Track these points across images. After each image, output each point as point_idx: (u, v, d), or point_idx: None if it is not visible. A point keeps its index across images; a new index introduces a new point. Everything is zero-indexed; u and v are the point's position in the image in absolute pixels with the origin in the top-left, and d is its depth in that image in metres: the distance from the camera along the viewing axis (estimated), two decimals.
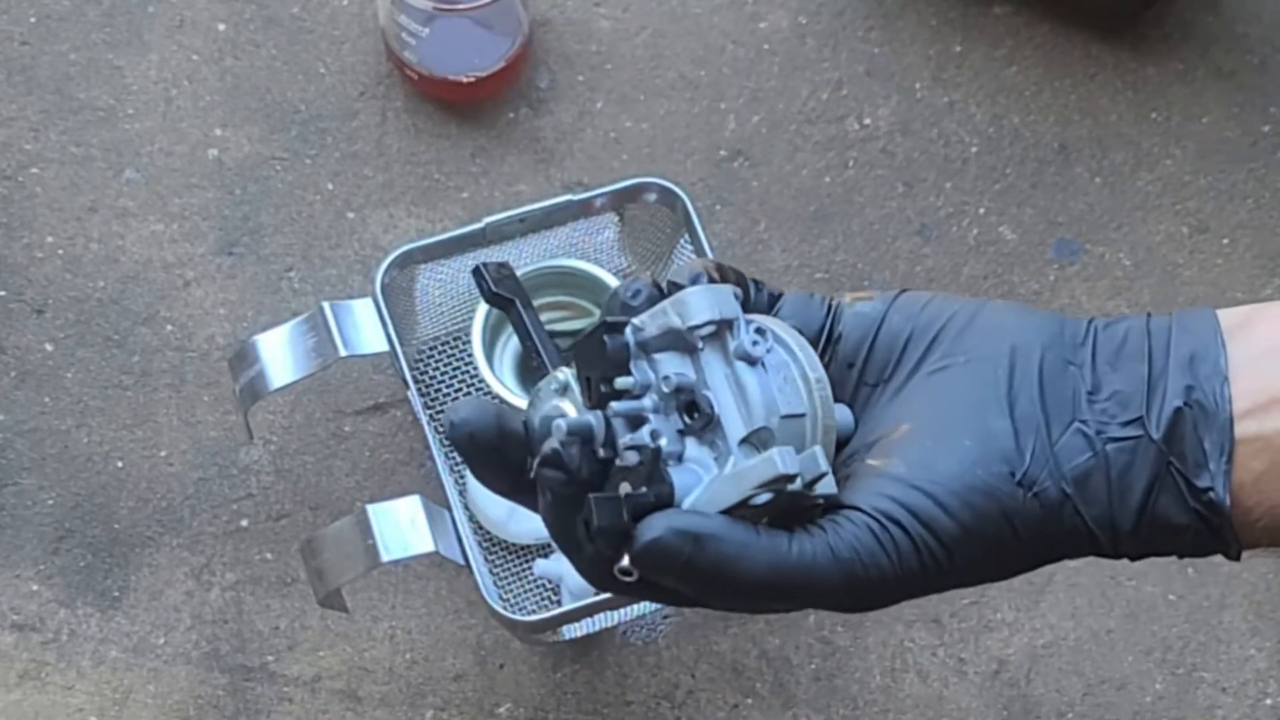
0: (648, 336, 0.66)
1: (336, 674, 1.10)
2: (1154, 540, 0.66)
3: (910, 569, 0.65)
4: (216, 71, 1.20)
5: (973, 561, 0.66)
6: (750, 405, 0.65)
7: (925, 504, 0.65)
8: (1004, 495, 0.65)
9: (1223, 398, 0.65)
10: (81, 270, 1.16)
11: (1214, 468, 0.65)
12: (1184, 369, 0.66)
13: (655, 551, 0.63)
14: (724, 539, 0.63)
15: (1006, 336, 0.68)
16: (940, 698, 1.10)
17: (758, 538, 0.64)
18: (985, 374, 0.67)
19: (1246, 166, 1.21)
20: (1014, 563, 0.67)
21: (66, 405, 1.14)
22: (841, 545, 0.64)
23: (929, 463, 0.65)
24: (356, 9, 1.22)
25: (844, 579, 0.64)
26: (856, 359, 0.69)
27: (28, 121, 1.19)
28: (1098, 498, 0.66)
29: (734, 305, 0.67)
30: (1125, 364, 0.67)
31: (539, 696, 1.09)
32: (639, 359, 0.67)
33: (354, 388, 1.15)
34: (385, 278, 1.07)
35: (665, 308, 0.66)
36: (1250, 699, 1.11)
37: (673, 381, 0.66)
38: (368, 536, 1.01)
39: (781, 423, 0.65)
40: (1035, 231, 1.19)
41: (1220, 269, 1.19)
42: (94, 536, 1.11)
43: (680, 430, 0.66)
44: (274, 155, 1.19)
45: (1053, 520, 0.66)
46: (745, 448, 0.65)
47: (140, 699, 1.09)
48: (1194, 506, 0.65)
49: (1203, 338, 0.66)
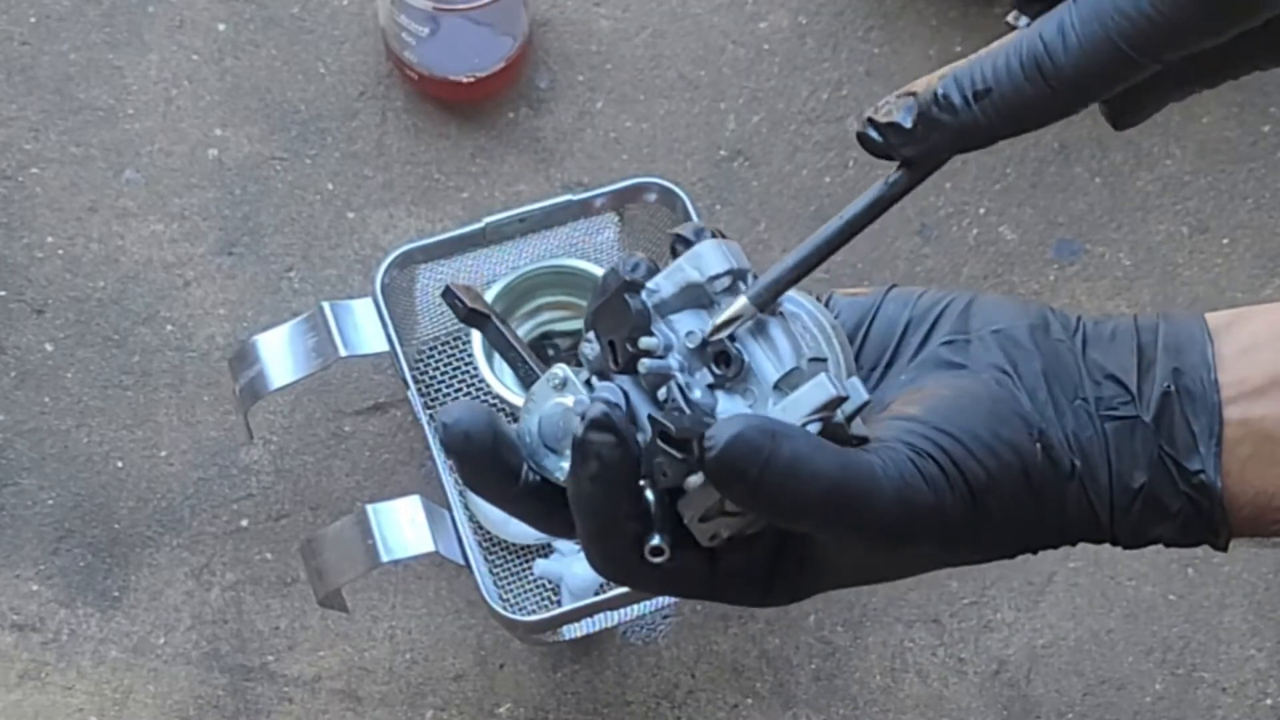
0: (664, 297, 0.66)
1: (336, 674, 1.10)
2: (1146, 522, 0.67)
3: (945, 504, 0.64)
4: (216, 71, 1.20)
5: (992, 514, 0.66)
6: (779, 349, 0.65)
7: (955, 447, 0.65)
8: (1025, 449, 0.65)
9: (1209, 383, 0.66)
10: (81, 270, 1.16)
11: (1204, 450, 0.66)
12: (1172, 357, 0.67)
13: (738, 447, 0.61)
14: (797, 438, 0.62)
15: (1002, 320, 0.68)
16: (940, 698, 1.10)
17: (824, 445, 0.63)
18: (987, 352, 0.67)
19: (1246, 166, 1.21)
20: (1023, 529, 0.67)
21: (66, 405, 1.14)
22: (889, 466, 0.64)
23: (951, 416, 0.66)
24: (356, 9, 1.22)
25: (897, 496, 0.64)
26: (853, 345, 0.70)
27: (28, 121, 1.19)
28: (1099, 474, 0.66)
29: (744, 258, 0.67)
30: (1115, 356, 0.68)
31: (539, 696, 1.09)
32: (655, 322, 0.66)
33: (354, 388, 1.15)
34: (385, 278, 1.07)
35: (681, 264, 0.66)
36: (1250, 699, 1.11)
37: (697, 336, 0.65)
38: (368, 536, 1.01)
39: (810, 365, 0.65)
40: (1035, 231, 1.19)
41: (1220, 269, 1.19)
42: (94, 536, 1.11)
43: (710, 385, 0.66)
44: (274, 155, 1.19)
45: (1062, 487, 0.66)
46: (779, 392, 0.65)
47: (140, 699, 1.09)
48: (1185, 490, 0.66)
49: (1190, 331, 0.67)
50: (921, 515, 0.64)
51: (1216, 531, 0.67)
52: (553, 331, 1.14)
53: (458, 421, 0.66)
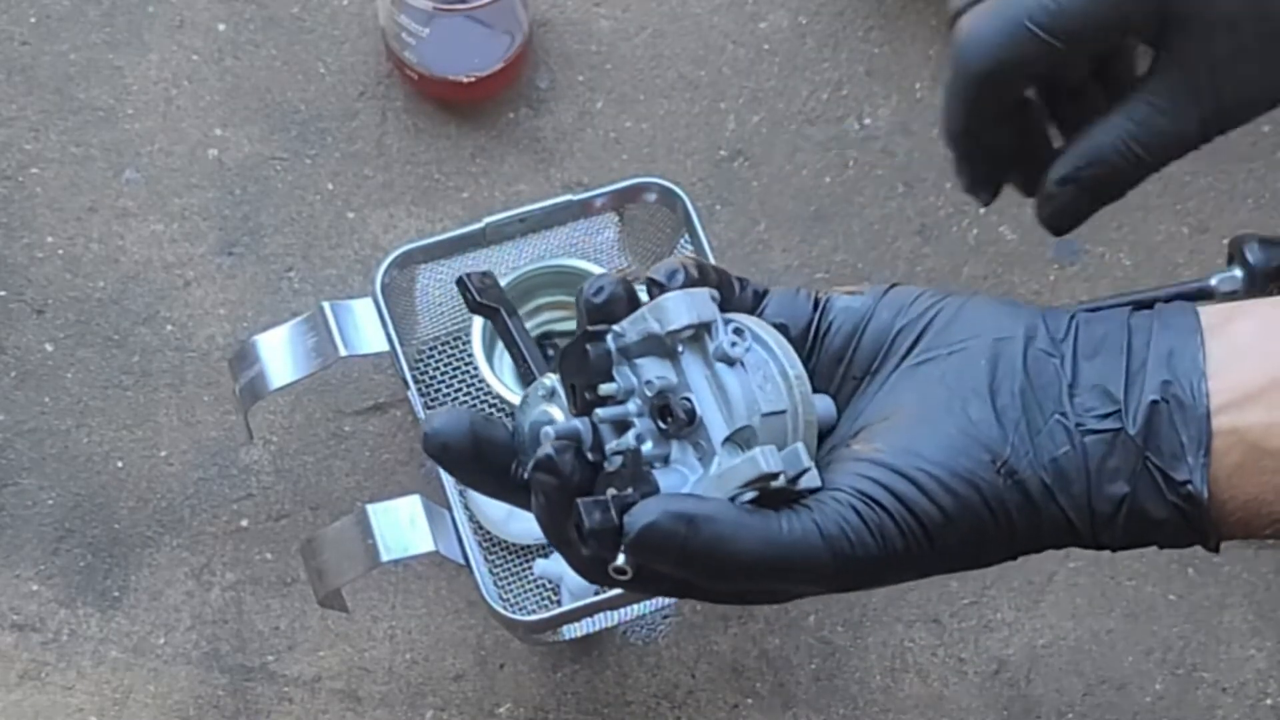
0: (629, 342, 0.67)
1: (336, 674, 1.10)
2: (1132, 532, 0.67)
3: (895, 550, 0.66)
4: (216, 71, 1.20)
5: (954, 547, 0.67)
6: (731, 405, 0.67)
7: (908, 488, 0.66)
8: (984, 482, 0.66)
9: (1199, 392, 0.66)
10: (81, 270, 1.16)
11: (1191, 461, 0.66)
12: (1162, 364, 0.67)
13: (651, 536, 0.64)
14: (717, 519, 0.64)
15: (990, 329, 0.69)
16: (940, 698, 1.10)
17: (750, 518, 0.65)
18: (969, 365, 0.68)
19: (1247, 166, 1.21)
20: (995, 550, 0.68)
21: (66, 405, 1.14)
22: (828, 523, 0.65)
23: (910, 448, 0.66)
24: (356, 9, 1.22)
25: (832, 557, 0.65)
26: (844, 352, 0.70)
27: (28, 121, 1.19)
28: (1076, 489, 0.67)
29: (711, 308, 0.68)
30: (1104, 358, 0.68)
31: (539, 696, 1.09)
32: (621, 364, 0.68)
33: (354, 388, 1.15)
34: (385, 278, 1.07)
35: (644, 314, 0.68)
36: (1250, 699, 1.11)
37: (655, 385, 0.67)
38: (368, 536, 1.01)
39: (763, 420, 0.66)
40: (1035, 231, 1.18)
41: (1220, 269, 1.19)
42: (94, 536, 1.11)
43: (664, 432, 0.67)
44: (274, 155, 1.19)
45: (1033, 509, 0.67)
46: (729, 447, 0.66)
47: (140, 699, 1.09)
48: (1172, 500, 0.66)
49: (1182, 334, 0.67)
50: (865, 565, 0.66)
51: (1206, 536, 0.67)
52: (553, 331, 1.14)
53: (436, 432, 0.68)
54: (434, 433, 0.68)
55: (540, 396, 0.69)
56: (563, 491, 0.66)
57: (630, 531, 0.64)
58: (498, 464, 0.69)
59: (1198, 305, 0.69)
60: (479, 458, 0.69)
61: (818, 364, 0.70)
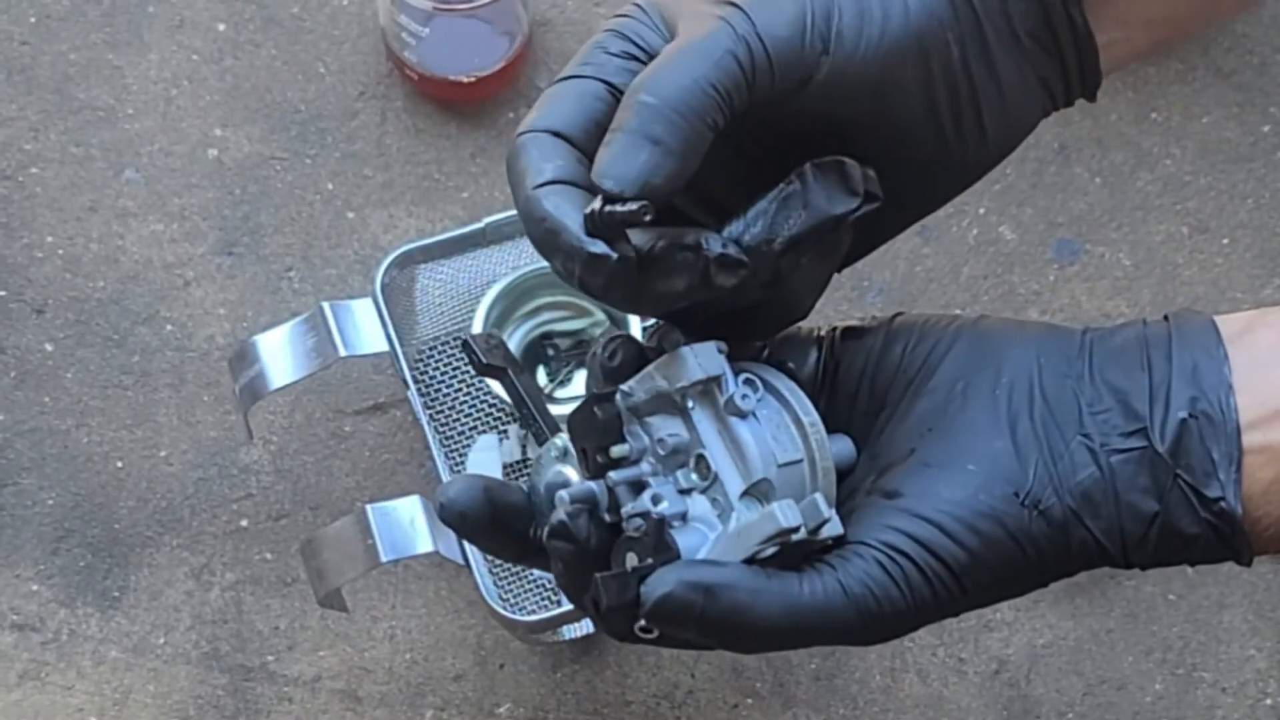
0: (638, 401, 0.67)
1: (336, 674, 1.10)
2: (1164, 550, 0.66)
3: (923, 598, 0.65)
4: (216, 71, 1.20)
5: (985, 585, 0.66)
6: (747, 458, 0.66)
7: (931, 533, 0.65)
8: (1009, 517, 0.65)
9: (1229, 407, 0.65)
10: (81, 270, 1.16)
11: (1224, 477, 0.65)
12: (1188, 379, 0.66)
13: (667, 607, 0.63)
14: (735, 586, 0.63)
15: (1002, 356, 0.68)
16: (940, 698, 1.10)
17: (769, 582, 0.64)
18: (984, 395, 0.67)
19: (1246, 166, 1.21)
20: (1028, 581, 0.67)
21: (66, 405, 1.14)
22: (852, 581, 0.64)
23: (933, 491, 0.65)
24: (356, 9, 1.22)
25: (858, 615, 0.64)
26: (855, 390, 0.69)
27: (28, 121, 1.19)
28: (1104, 511, 0.66)
29: (719, 361, 0.66)
30: (1124, 375, 0.67)
31: (539, 696, 1.09)
32: (631, 424, 0.67)
33: (354, 388, 1.15)
34: (385, 278, 1.07)
35: (651, 372, 0.67)
36: (1250, 699, 1.11)
37: (668, 444, 0.66)
38: (367, 536, 1.01)
39: (779, 471, 0.65)
40: (1035, 231, 1.19)
41: (1220, 269, 1.19)
42: (94, 536, 1.11)
43: (681, 490, 0.66)
44: (274, 155, 1.19)
45: (1061, 536, 0.66)
46: (747, 500, 0.65)
47: (140, 699, 1.09)
48: (1205, 517, 0.65)
49: (1205, 346, 0.66)
50: (892, 619, 0.65)
51: (1239, 553, 0.66)
52: (552, 331, 1.14)
53: (453, 501, 0.67)
54: (450, 502, 0.67)
55: (553, 457, 0.68)
56: (580, 557, 0.65)
57: (646, 602, 0.63)
58: (515, 529, 0.68)
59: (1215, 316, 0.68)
60: (496, 524, 0.67)
61: (830, 403, 0.69)
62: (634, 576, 0.64)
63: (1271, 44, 1.23)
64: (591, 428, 0.67)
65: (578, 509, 0.66)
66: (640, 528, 0.65)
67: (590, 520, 0.66)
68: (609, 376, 0.67)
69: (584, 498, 0.66)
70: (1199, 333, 0.67)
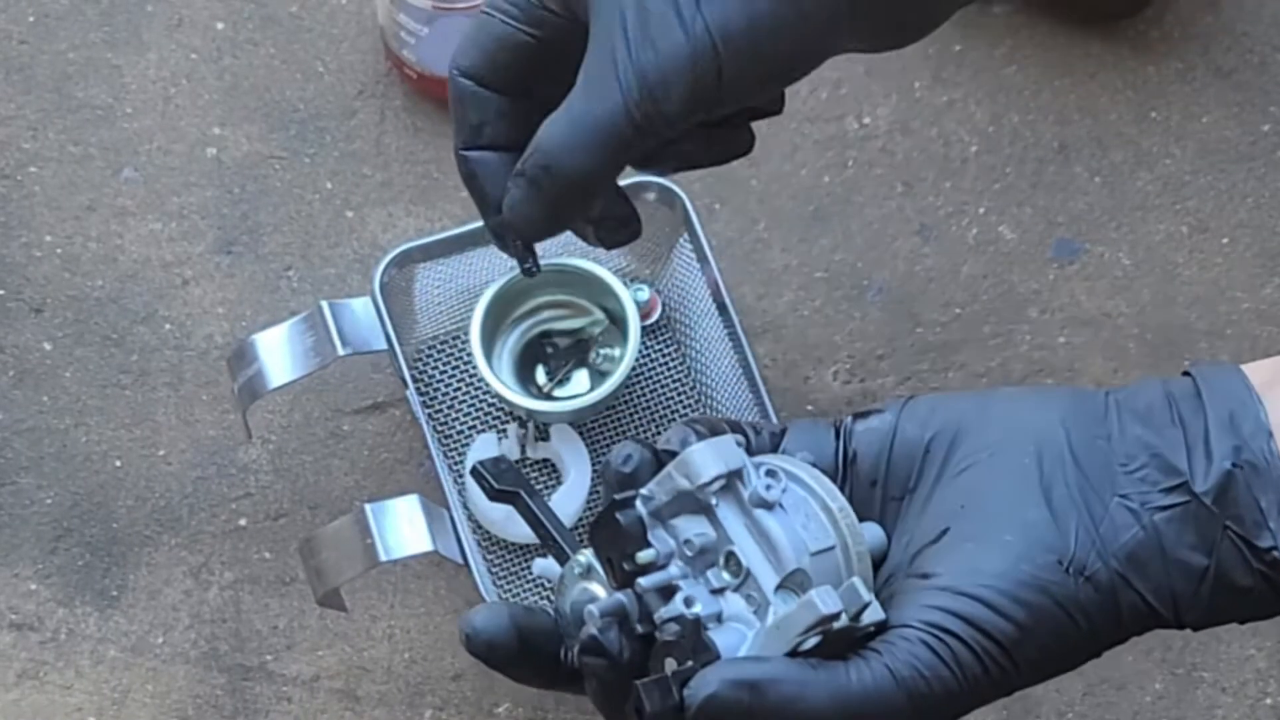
0: (659, 504, 0.65)
1: (335, 673, 1.10)
2: (1218, 606, 0.65)
3: (975, 677, 0.63)
4: (215, 70, 1.20)
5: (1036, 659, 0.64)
6: (778, 550, 0.64)
7: (976, 609, 0.63)
8: (1054, 585, 0.64)
9: (1271, 454, 0.64)
10: (80, 269, 1.16)
11: (1274, 526, 0.64)
12: (1226, 429, 0.64)
13: (714, 707, 0.61)
14: (781, 680, 0.62)
15: (1027, 424, 0.66)
16: None
17: (815, 673, 0.63)
18: (1013, 466, 0.65)
19: (1246, 166, 1.21)
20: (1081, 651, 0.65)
21: (64, 404, 1.14)
22: (900, 665, 0.63)
23: (973, 566, 0.64)
24: (355, 8, 1.22)
25: (909, 700, 0.63)
26: (877, 475, 0.68)
27: (26, 120, 1.19)
28: (1153, 571, 0.64)
29: (738, 454, 0.65)
30: (1156, 431, 0.65)
31: (538, 696, 1.09)
32: (655, 528, 0.65)
33: (353, 387, 1.14)
34: (384, 277, 1.07)
35: (670, 473, 0.65)
36: (1250, 699, 1.11)
37: (695, 544, 0.65)
38: (366, 536, 1.01)
39: (813, 560, 0.64)
40: (1035, 231, 1.19)
41: (1220, 268, 1.19)
42: (92, 536, 1.11)
43: (714, 590, 0.65)
44: (272, 154, 1.19)
45: (1110, 601, 0.64)
46: (783, 593, 0.64)
47: (139, 698, 1.09)
48: (1258, 568, 0.64)
49: (1237, 396, 0.65)
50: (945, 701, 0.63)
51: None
52: (552, 331, 1.14)
53: (479, 632, 0.65)
54: (476, 633, 0.65)
55: (577, 575, 0.67)
56: (615, 671, 0.64)
57: (691, 705, 0.61)
58: (546, 653, 0.67)
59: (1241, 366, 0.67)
60: (526, 652, 0.66)
61: (853, 492, 0.68)
62: (676, 680, 0.62)
63: (1271, 43, 1.23)
64: (615, 536, 0.65)
65: (608, 622, 0.64)
66: (677, 632, 0.63)
67: (622, 632, 0.64)
68: (623, 483, 0.66)
69: (613, 610, 0.65)
70: (1228, 382, 0.65)
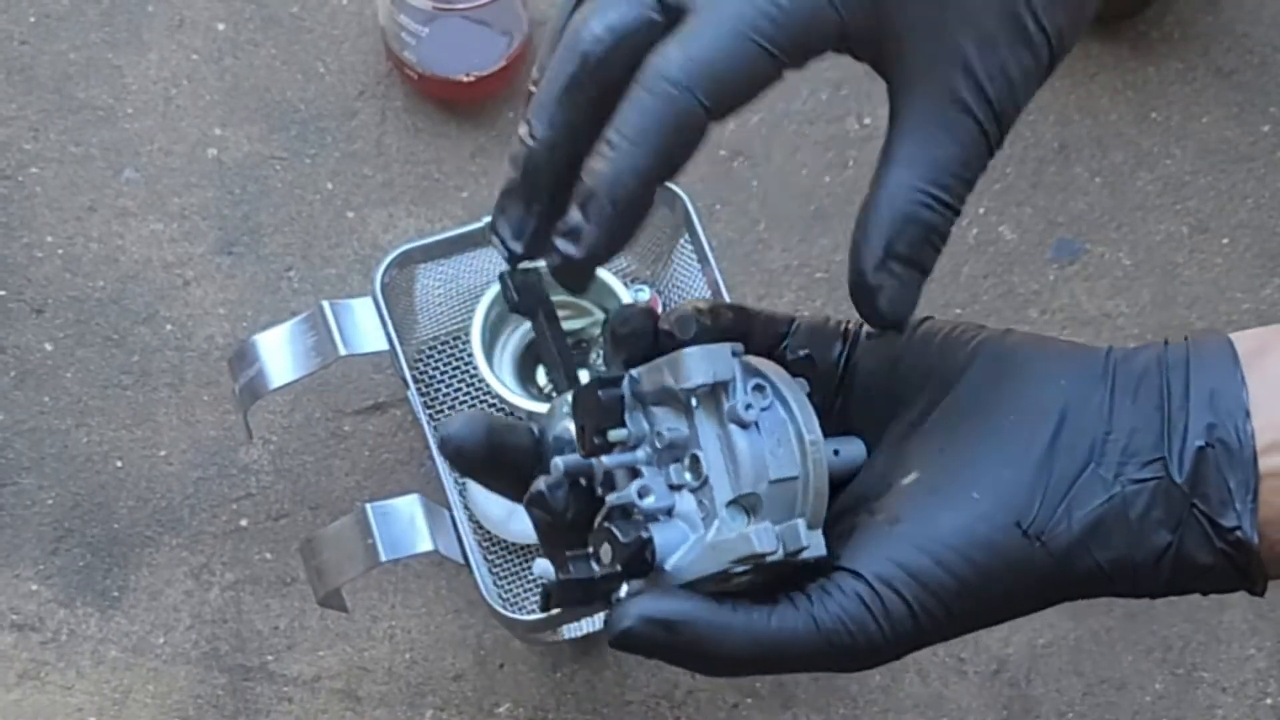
0: (644, 390, 0.66)
1: (336, 673, 1.10)
2: (1176, 580, 0.65)
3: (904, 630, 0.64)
4: (216, 71, 1.20)
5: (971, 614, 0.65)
6: (740, 469, 0.65)
7: (924, 563, 0.64)
8: (1008, 548, 0.64)
9: (1245, 434, 0.64)
10: (81, 270, 1.16)
11: (1240, 506, 0.64)
12: (1205, 406, 0.64)
13: (630, 640, 0.63)
14: (697, 621, 0.63)
15: (1024, 377, 0.66)
16: (940, 697, 1.10)
17: (734, 615, 0.64)
18: (998, 421, 0.66)
19: (1246, 166, 1.21)
20: (1022, 606, 0.65)
21: (66, 405, 1.14)
22: (827, 616, 0.64)
23: (933, 518, 0.64)
24: (356, 8, 1.22)
25: (829, 648, 0.64)
26: (873, 392, 0.68)
27: (27, 121, 1.19)
28: (1114, 541, 0.64)
29: (730, 365, 0.66)
30: (1143, 401, 0.65)
31: (538, 696, 1.09)
32: (634, 410, 0.66)
33: (353, 387, 1.15)
34: (385, 277, 1.07)
35: (661, 365, 0.66)
36: (1250, 699, 1.11)
37: (665, 438, 0.66)
38: (367, 536, 1.01)
39: (770, 487, 0.65)
40: (1035, 231, 1.19)
41: (1220, 268, 1.19)
42: (93, 536, 1.11)
43: (672, 485, 0.66)
44: (273, 155, 1.19)
45: (1063, 568, 0.64)
46: (732, 510, 0.65)
47: (139, 699, 1.09)
48: (1220, 547, 0.64)
49: (1222, 371, 0.65)
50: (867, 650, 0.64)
51: (1253, 581, 0.65)
52: None
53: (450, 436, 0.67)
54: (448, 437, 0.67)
55: (564, 413, 0.68)
56: (555, 528, 0.66)
57: (611, 634, 0.64)
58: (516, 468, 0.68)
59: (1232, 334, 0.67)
60: (495, 463, 0.68)
61: (846, 401, 0.68)
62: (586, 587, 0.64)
63: (1271, 43, 1.23)
64: (594, 408, 0.66)
65: (559, 480, 0.66)
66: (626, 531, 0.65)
67: (571, 493, 0.66)
68: (615, 343, 0.67)
69: (578, 470, 0.66)
70: (1216, 356, 0.65)
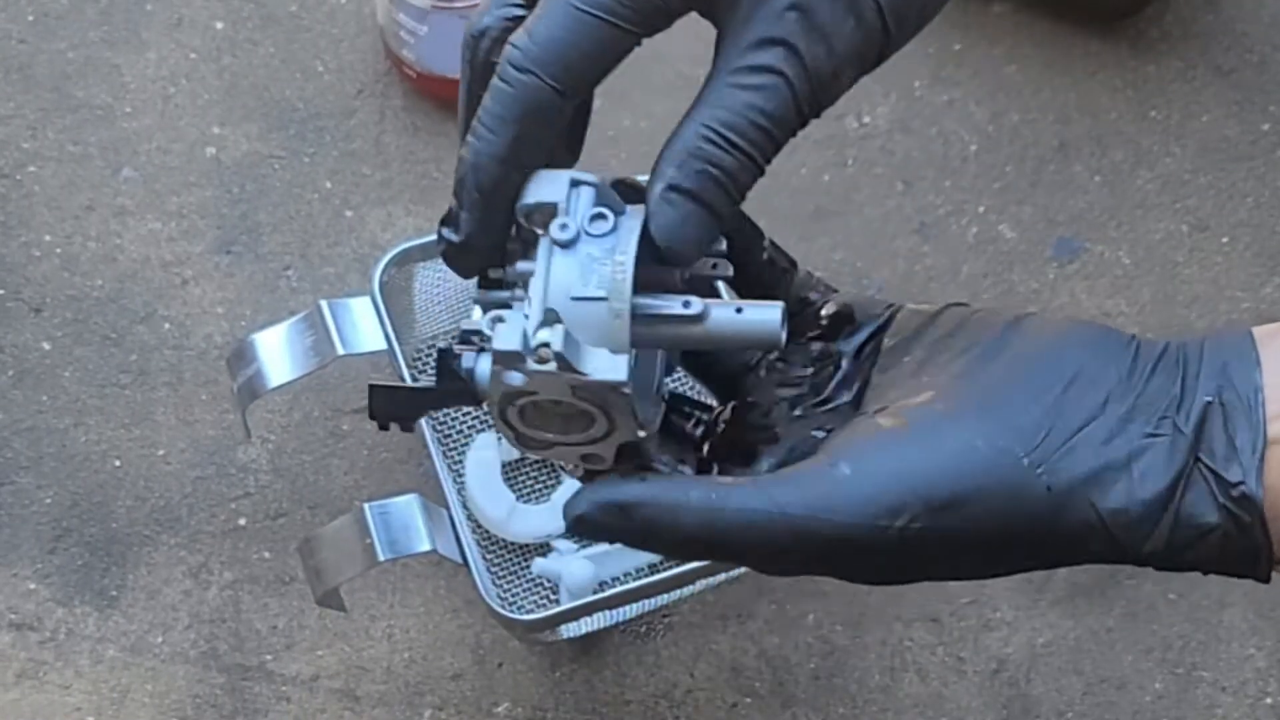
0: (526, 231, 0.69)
1: (334, 673, 1.10)
2: (1178, 542, 0.64)
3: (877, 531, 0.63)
4: (214, 70, 1.20)
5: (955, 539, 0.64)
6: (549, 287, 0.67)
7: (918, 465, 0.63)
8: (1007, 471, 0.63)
9: (1255, 399, 0.64)
10: (79, 269, 1.16)
11: (1245, 462, 0.63)
12: (1217, 372, 0.64)
13: (586, 524, 0.65)
14: (650, 504, 0.65)
15: (1049, 337, 0.67)
16: (940, 697, 1.10)
17: (688, 497, 0.64)
18: (1020, 365, 0.66)
19: (1246, 165, 1.21)
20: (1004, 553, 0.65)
21: (64, 404, 1.14)
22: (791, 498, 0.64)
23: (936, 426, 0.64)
24: (354, 7, 1.22)
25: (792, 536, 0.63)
26: (899, 338, 0.70)
27: (25, 120, 1.19)
28: (1115, 490, 0.64)
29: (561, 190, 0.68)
30: (1160, 375, 0.65)
31: (537, 696, 1.09)
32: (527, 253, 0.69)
33: (352, 386, 1.14)
34: (383, 276, 1.07)
35: None
36: (1250, 699, 1.11)
37: (517, 271, 0.68)
38: (365, 535, 1.01)
39: (572, 304, 0.66)
40: (1035, 230, 1.19)
41: (1220, 267, 1.19)
42: (91, 535, 1.11)
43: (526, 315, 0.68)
44: (272, 153, 1.19)
45: (1058, 512, 0.64)
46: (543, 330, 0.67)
47: (138, 698, 1.09)
48: (1224, 503, 0.63)
49: (1238, 349, 0.65)
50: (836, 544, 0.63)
51: (1257, 555, 0.64)
52: None
53: None
54: None
55: None
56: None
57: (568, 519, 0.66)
58: None
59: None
60: None
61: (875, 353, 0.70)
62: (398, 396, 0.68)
63: (1271, 43, 1.23)
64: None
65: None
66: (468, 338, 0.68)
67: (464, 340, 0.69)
68: None
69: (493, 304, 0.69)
70: (1233, 339, 0.66)
